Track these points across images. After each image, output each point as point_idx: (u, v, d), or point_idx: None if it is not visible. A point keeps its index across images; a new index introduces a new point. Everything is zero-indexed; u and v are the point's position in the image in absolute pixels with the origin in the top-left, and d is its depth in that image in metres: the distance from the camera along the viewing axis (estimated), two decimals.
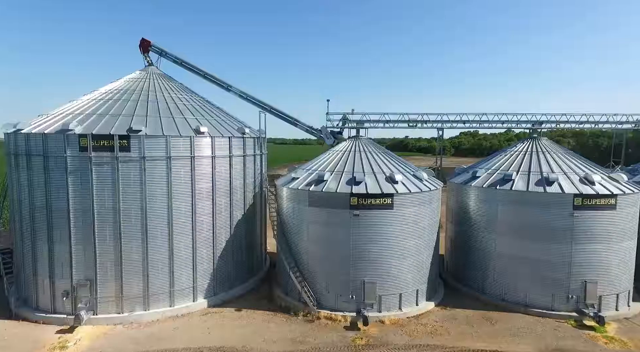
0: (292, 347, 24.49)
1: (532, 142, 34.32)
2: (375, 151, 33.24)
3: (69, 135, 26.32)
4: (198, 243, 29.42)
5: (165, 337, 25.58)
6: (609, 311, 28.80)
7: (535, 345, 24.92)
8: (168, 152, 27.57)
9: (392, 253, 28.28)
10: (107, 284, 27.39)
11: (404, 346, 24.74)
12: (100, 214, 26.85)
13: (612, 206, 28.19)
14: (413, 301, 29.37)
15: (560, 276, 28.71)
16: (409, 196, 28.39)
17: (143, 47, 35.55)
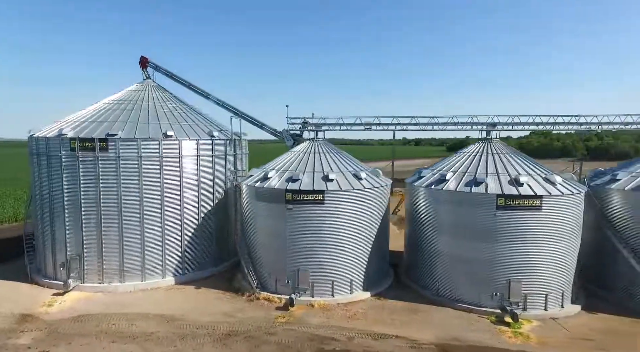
0: (220, 319, 28.72)
1: (486, 144, 35.16)
2: (330, 152, 36.31)
3: (62, 138, 33.01)
4: (166, 230, 34.77)
5: (128, 304, 31.14)
6: (536, 310, 29.39)
7: (438, 334, 26.66)
8: (139, 152, 33.22)
9: (325, 245, 31.35)
10: (91, 260, 33.74)
11: (316, 325, 27.85)
12: (85, 203, 33.23)
13: (537, 207, 28.71)
14: (347, 290, 32.13)
15: (486, 274, 29.79)
16: (340, 193, 31.26)
17: (142, 63, 41.88)
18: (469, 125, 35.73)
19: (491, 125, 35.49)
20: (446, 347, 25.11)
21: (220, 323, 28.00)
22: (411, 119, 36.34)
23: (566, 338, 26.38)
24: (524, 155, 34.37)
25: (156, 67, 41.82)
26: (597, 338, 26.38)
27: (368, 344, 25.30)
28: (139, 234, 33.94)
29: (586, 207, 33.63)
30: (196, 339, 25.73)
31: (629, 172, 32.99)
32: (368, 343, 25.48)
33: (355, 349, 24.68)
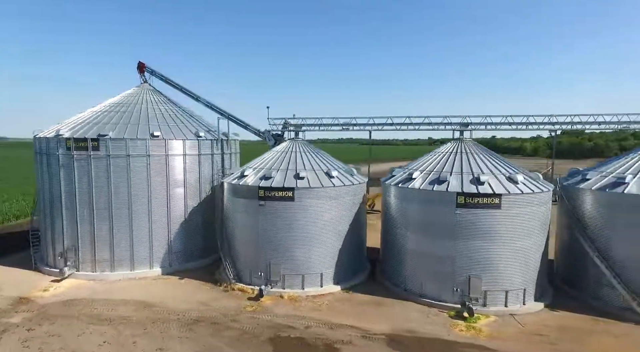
0: (194, 307, 30.86)
1: (459, 143, 35.89)
2: (309, 151, 37.93)
3: (59, 138, 36.06)
4: (154, 224, 37.28)
5: (114, 291, 33.79)
6: (497, 307, 30.04)
7: (393, 326, 27.84)
8: (127, 151, 35.88)
9: (295, 240, 33.01)
10: (85, 250, 36.64)
11: (280, 315, 29.55)
12: (80, 197, 36.15)
13: (496, 205, 29.38)
14: (317, 283, 33.65)
15: (448, 270, 30.65)
16: (310, 190, 32.84)
17: (139, 68, 44.73)
18: (443, 125, 36.51)
19: (464, 125, 36.16)
20: (395, 337, 26.30)
21: (192, 310, 30.14)
22: (386, 119, 37.50)
23: (517, 333, 27.02)
24: (495, 155, 34.92)
25: (152, 72, 44.59)
26: (549, 334, 26.89)
27: (322, 333, 26.79)
28: (128, 228, 36.59)
29: (560, 206, 34.02)
30: (166, 324, 27.94)
31: (599, 171, 33.04)
32: (323, 332, 26.96)
33: (308, 337, 26.24)
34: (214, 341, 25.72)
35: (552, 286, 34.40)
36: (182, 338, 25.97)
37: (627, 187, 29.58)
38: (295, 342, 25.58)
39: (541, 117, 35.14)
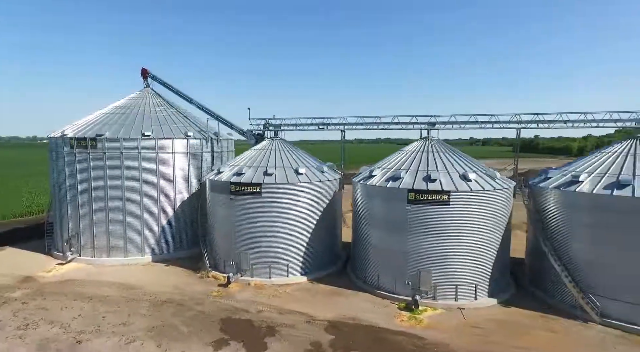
0: (168, 290, 34.08)
1: (425, 142, 36.86)
2: (284, 149, 40.23)
3: (64, 138, 40.64)
4: (145, 216, 41.05)
5: (105, 274, 37.75)
6: (447, 300, 30.99)
7: (339, 314, 29.59)
8: (121, 149, 39.83)
9: (263, 232, 35.49)
10: (86, 238, 41.03)
11: (240, 300, 32.12)
12: (81, 190, 40.56)
13: (445, 201, 30.35)
14: (284, 273, 35.93)
15: (401, 264, 31.94)
16: (276, 186, 35.16)
17: (143, 74, 48.87)
18: (411, 124, 37.56)
19: (431, 124, 37.04)
20: (336, 323, 28.09)
21: (165, 293, 33.38)
22: (358, 119, 39.04)
23: (455, 325, 27.96)
24: (460, 154, 35.58)
25: (154, 77, 48.58)
26: (487, 327, 27.63)
27: (271, 317, 29.06)
28: (122, 218, 40.59)
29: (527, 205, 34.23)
30: (137, 303, 31.32)
31: (562, 170, 32.95)
32: (272, 316, 29.23)
33: (256, 320, 28.61)
34: (173, 319, 28.69)
35: (517, 284, 34.76)
36: (146, 316, 29.17)
37: (580, 186, 29.54)
38: (242, 324, 28.02)
39: (507, 116, 35.26)
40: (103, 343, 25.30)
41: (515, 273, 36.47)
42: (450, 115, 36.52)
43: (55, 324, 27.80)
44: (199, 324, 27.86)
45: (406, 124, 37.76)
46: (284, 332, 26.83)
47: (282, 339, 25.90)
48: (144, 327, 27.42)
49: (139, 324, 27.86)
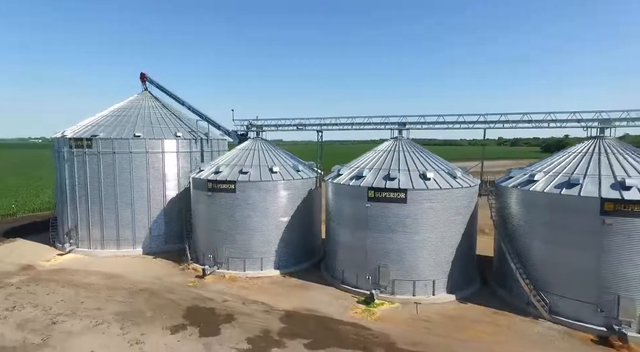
0: (148, 280, 36.58)
1: (395, 142, 37.85)
2: (266, 149, 42.11)
3: (64, 138, 44.03)
4: (136, 211, 43.87)
5: (97, 265, 40.70)
6: (405, 295, 32.02)
7: (298, 305, 31.15)
8: (113, 149, 42.80)
9: (238, 227, 37.48)
10: (83, 231, 44.28)
11: (211, 290, 34.21)
12: (79, 187, 43.83)
13: (402, 199, 31.38)
14: (258, 267, 37.77)
15: (362, 259, 33.16)
16: (249, 184, 37.07)
17: (141, 78, 51.93)
18: (383, 125, 38.62)
19: (401, 125, 37.98)
20: (292, 313, 29.69)
21: (144, 283, 35.89)
22: (334, 119, 40.37)
23: (406, 318, 29.01)
24: (428, 153, 36.38)
25: (151, 81, 51.57)
26: (436, 321, 28.55)
27: (234, 306, 30.97)
28: (115, 213, 43.56)
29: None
30: (116, 291, 33.93)
31: (524, 170, 33.26)
32: (235, 305, 31.14)
33: (219, 308, 30.59)
34: (143, 305, 31.06)
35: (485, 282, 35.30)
36: (120, 302, 31.67)
37: (535, 185, 29.92)
38: (205, 312, 30.05)
39: (474, 117, 35.65)
40: (74, 324, 27.88)
41: (483, 271, 36.95)
42: (419, 115, 37.29)
43: (39, 307, 30.68)
44: (165, 311, 30.08)
45: (378, 124, 38.82)
46: (240, 320, 28.66)
47: (236, 325, 27.74)
48: (114, 311, 29.88)
49: (111, 309, 30.36)
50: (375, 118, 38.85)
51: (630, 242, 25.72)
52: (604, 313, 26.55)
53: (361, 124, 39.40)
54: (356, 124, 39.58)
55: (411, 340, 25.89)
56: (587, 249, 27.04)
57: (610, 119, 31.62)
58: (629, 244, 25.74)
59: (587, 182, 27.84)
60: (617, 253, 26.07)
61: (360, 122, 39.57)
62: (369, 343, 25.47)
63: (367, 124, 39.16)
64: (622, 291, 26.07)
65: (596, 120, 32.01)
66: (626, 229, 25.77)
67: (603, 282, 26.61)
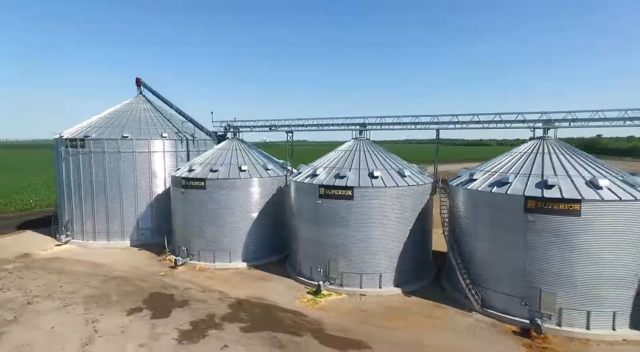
0: (127, 268, 39.88)
1: (356, 142, 39.63)
2: (241, 149, 44.76)
3: (61, 139, 48.18)
4: (124, 206, 47.47)
5: (87, 254, 44.46)
6: (352, 287, 33.84)
7: (251, 294, 33.48)
8: (103, 148, 46.55)
9: (207, 222, 40.27)
10: (77, 224, 48.32)
11: (179, 279, 37.02)
12: (74, 184, 47.85)
13: (349, 196, 33.23)
14: (227, 259, 40.41)
15: (315, 253, 35.20)
16: (217, 181, 39.77)
17: (137, 82, 55.71)
18: (346, 125, 40.46)
19: (362, 126, 39.71)
20: (242, 301, 32.09)
21: (122, 271, 39.21)
22: (302, 120, 42.52)
23: (346, 308, 30.81)
24: (385, 153, 37.99)
25: (144, 85, 55.26)
26: (374, 311, 30.24)
27: (192, 294, 33.67)
28: (105, 208, 47.32)
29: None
30: (93, 277, 37.36)
31: (472, 170, 34.34)
32: (194, 293, 33.84)
33: (178, 295, 33.36)
34: (112, 290, 34.27)
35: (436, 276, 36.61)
36: (93, 287, 35.00)
37: (473, 183, 31.12)
38: (164, 297, 32.89)
39: (428, 117, 36.96)
40: (47, 305, 31.30)
41: (441, 267, 38.19)
42: (379, 117, 38.94)
43: (21, 289, 34.41)
44: (130, 296, 33.13)
45: (340, 125, 40.72)
46: (193, 305, 31.32)
47: (187, 310, 30.41)
48: (85, 295, 33.20)
49: (83, 292, 33.71)
50: (337, 119, 40.75)
51: (551, 239, 26.67)
52: (528, 306, 27.59)
53: (325, 125, 41.39)
54: (321, 125, 41.59)
55: (340, 327, 27.76)
56: (514, 246, 28.13)
57: (552, 120, 32.39)
58: (550, 241, 26.69)
59: (516, 180, 28.88)
60: (540, 249, 27.07)
61: (324, 123, 41.56)
62: (300, 328, 27.54)
63: (331, 124, 41.11)
64: (543, 285, 27.08)
65: (540, 121, 32.83)
66: (547, 226, 26.75)
67: (528, 277, 27.65)
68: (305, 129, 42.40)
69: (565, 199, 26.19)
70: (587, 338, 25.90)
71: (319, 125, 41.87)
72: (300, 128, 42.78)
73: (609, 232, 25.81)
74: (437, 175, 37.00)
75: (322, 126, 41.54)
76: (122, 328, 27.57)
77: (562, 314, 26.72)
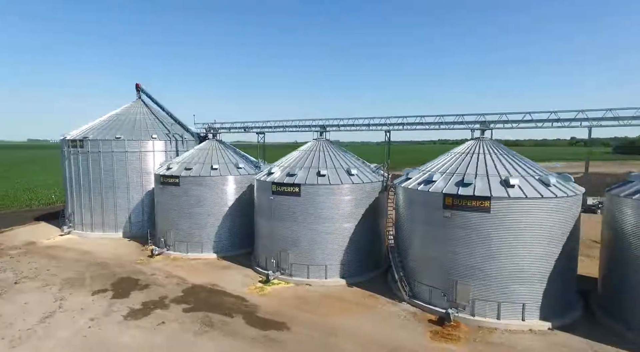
0: (110, 256, 44.26)
1: (317, 143, 42.12)
2: (219, 148, 48.29)
3: (65, 140, 53.57)
4: (118, 201, 52.17)
5: (82, 244, 49.37)
6: (300, 277, 36.43)
7: (208, 281, 36.71)
8: (99, 149, 51.45)
9: (182, 216, 43.99)
10: (78, 216, 53.56)
11: (151, 267, 40.88)
12: (75, 180, 53.09)
13: (296, 193, 35.85)
14: (199, 250, 43.98)
15: (269, 245, 38.02)
16: (190, 178, 43.40)
17: (136, 88, 60.63)
18: (308, 127, 43.06)
19: (322, 127, 42.14)
20: (196, 286, 35.40)
21: (105, 258, 43.59)
22: (271, 122, 45.51)
23: (286, 295, 33.44)
24: (343, 153, 40.32)
25: (142, 91, 60.07)
26: (310, 299, 32.67)
27: (156, 279, 37.34)
28: (100, 202, 52.22)
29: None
30: (78, 263, 41.90)
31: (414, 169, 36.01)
32: (158, 278, 37.52)
33: (143, 279, 37.15)
34: (89, 274, 38.51)
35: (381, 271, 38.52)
36: (74, 271, 39.41)
37: (407, 182, 32.95)
38: (130, 281, 36.73)
39: (380, 119, 38.83)
40: (30, 285, 35.86)
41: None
42: (338, 119, 41.26)
43: (15, 271, 39.32)
44: (102, 279, 37.25)
45: (301, 126, 43.41)
46: (152, 289, 34.97)
47: (145, 292, 34.06)
48: (64, 277, 37.60)
49: (63, 275, 38.16)
50: (299, 121, 43.43)
51: (465, 234, 28.23)
52: (447, 297, 29.22)
53: (289, 126, 44.15)
54: (288, 126, 44.38)
55: (272, 311, 30.45)
56: (436, 240, 29.84)
57: (487, 121, 33.66)
58: (464, 235, 28.26)
59: (441, 179, 30.55)
60: (456, 243, 28.67)
61: (288, 124, 44.34)
62: (235, 311, 30.48)
63: (295, 126, 43.82)
64: (459, 277, 28.65)
65: (477, 123, 34.15)
66: (462, 222, 28.33)
67: (447, 270, 29.28)
68: (273, 130, 45.32)
69: (476, 196, 27.72)
70: (495, 327, 27.31)
71: (285, 127, 44.66)
72: (269, 129, 45.74)
73: (518, 228, 27.12)
74: (388, 174, 38.91)
75: (287, 127, 44.30)
76: (83, 305, 31.52)
77: (475, 305, 28.23)
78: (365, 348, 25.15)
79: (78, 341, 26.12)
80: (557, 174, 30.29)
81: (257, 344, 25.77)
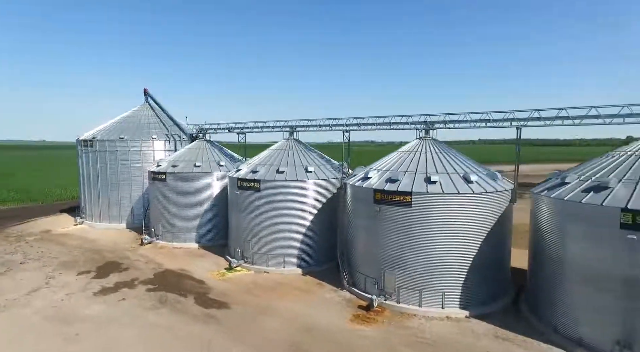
0: (107, 244, 49.55)
1: (287, 142, 45.22)
2: (206, 148, 52.53)
3: (79, 139, 59.90)
4: (121, 195, 57.74)
5: (90, 232, 55.22)
6: (260, 266, 39.67)
7: (182, 266, 40.79)
8: (105, 148, 57.22)
9: (166, 209, 48.53)
10: (89, 209, 59.72)
11: (137, 254, 45.60)
12: (87, 176, 59.28)
13: (257, 188, 39.18)
14: (183, 240, 48.33)
15: (236, 235, 41.59)
16: (175, 175, 47.80)
17: (144, 92, 66.25)
18: (280, 128, 46.21)
19: (291, 128, 45.15)
20: (166, 271, 39.50)
21: (103, 245, 48.90)
22: (251, 123, 49.08)
23: (244, 281, 36.75)
24: (305, 152, 43.15)
25: (149, 95, 65.63)
26: (264, 285, 35.78)
27: (136, 264, 41.85)
28: (107, 196, 58.02)
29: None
30: (78, 248, 47.38)
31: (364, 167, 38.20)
32: (138, 264, 42.02)
33: (126, 263, 41.80)
34: (81, 257, 43.73)
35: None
36: (72, 255, 44.78)
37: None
38: (114, 265, 41.46)
39: (343, 120, 41.24)
40: (32, 265, 41.41)
41: None
42: (308, 119, 44.18)
43: (25, 254, 45.23)
44: (91, 263, 42.25)
45: (274, 127, 46.62)
46: (129, 271, 39.45)
47: (122, 274, 38.56)
48: (61, 260, 42.97)
49: (61, 258, 43.56)
50: (269, 122, 46.76)
51: (391, 227, 30.36)
52: (377, 285, 31.42)
53: (265, 127, 47.51)
54: (264, 127, 47.79)
55: (222, 293, 33.91)
56: (369, 233, 32.12)
57: (432, 121, 35.37)
58: (390, 228, 30.38)
59: (375, 176, 32.79)
60: (383, 235, 30.84)
61: (264, 125, 47.72)
62: (190, 292, 34.19)
63: (267, 127, 47.20)
64: (386, 267, 30.80)
65: (422, 123, 35.94)
66: (389, 216, 30.46)
67: (377, 260, 31.49)
68: (251, 130, 48.89)
69: (399, 191, 29.80)
70: (414, 313, 29.29)
71: (261, 127, 48.09)
72: (248, 130, 49.34)
73: (436, 222, 28.95)
74: (348, 172, 41.36)
75: (264, 128, 47.69)
76: (66, 283, 36.40)
77: (400, 293, 30.30)
78: (284, 325, 28.03)
79: (49, 310, 30.74)
80: (487, 171, 31.63)
81: (197, 320, 29.23)
